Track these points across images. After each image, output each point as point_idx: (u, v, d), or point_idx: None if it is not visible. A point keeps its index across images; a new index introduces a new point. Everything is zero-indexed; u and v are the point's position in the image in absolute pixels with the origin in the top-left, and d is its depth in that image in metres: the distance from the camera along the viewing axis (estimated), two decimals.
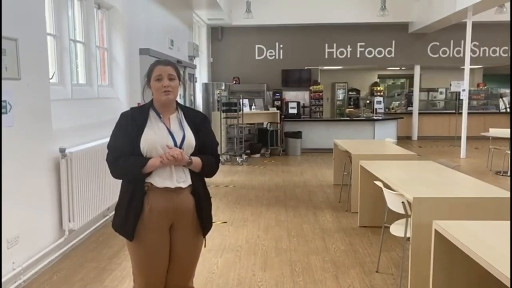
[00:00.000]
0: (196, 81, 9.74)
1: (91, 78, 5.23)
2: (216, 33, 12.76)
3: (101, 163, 4.52)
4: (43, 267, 3.69)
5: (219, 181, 7.34)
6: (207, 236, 2.34)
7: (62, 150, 3.92)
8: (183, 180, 2.20)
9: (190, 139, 2.21)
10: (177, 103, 2.30)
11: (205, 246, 2.36)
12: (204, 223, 2.28)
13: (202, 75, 11.71)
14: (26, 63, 3.46)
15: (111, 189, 4.77)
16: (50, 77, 4.13)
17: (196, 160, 2.21)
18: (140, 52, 6.31)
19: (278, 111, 10.97)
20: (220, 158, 2.25)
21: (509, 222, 2.49)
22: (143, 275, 2.23)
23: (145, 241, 2.17)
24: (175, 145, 2.17)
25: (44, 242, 3.76)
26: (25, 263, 3.45)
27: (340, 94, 13.74)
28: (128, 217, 2.15)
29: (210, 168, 2.28)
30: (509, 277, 1.71)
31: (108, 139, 2.23)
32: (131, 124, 2.17)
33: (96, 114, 4.97)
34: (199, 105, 10.87)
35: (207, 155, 2.27)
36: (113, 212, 2.30)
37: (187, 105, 6.56)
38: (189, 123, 2.26)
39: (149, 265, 2.20)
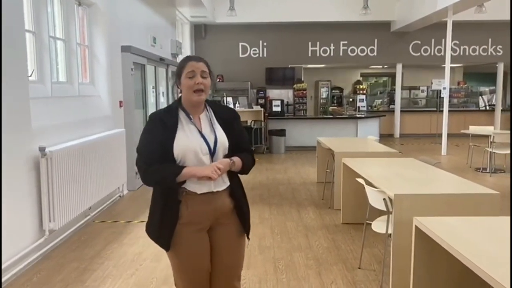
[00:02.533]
0: None
1: (71, 75, 5.15)
2: (200, 30, 12.69)
3: (82, 162, 4.46)
4: (23, 268, 3.63)
5: None
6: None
7: (42, 149, 3.85)
8: (220, 184, 2.15)
9: (223, 140, 2.14)
10: (206, 100, 2.19)
11: (247, 246, 2.30)
12: (245, 223, 2.27)
13: None
14: (4, 60, 3.39)
15: (93, 188, 4.71)
16: (29, 75, 4.05)
17: (237, 160, 2.14)
18: (122, 50, 6.25)
19: (262, 109, 10.97)
20: None
21: (486, 217, 2.54)
22: (186, 281, 2.17)
23: (185, 245, 2.11)
24: (209, 148, 2.10)
25: (23, 242, 3.69)
26: (4, 264, 3.38)
27: (324, 92, 13.78)
28: (163, 226, 2.08)
29: (249, 165, 2.24)
30: (485, 270, 1.74)
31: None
32: (161, 128, 2.07)
33: (77, 112, 4.88)
34: None
35: (244, 153, 2.22)
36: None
37: (170, 102, 6.51)
38: (219, 122, 2.17)
39: (191, 270, 2.15)
